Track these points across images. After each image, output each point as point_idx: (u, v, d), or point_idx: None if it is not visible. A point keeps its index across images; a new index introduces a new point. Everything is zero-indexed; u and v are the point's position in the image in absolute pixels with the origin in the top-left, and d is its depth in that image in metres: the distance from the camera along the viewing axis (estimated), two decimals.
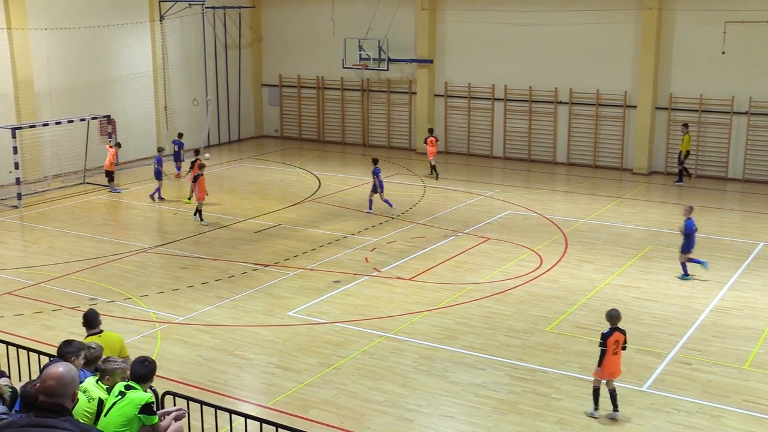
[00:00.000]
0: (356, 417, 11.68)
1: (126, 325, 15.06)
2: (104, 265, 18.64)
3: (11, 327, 14.67)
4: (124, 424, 7.68)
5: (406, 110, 32.78)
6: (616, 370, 11.70)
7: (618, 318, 11.70)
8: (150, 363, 8.24)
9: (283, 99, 35.39)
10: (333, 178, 27.79)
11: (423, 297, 16.50)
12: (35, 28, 26.25)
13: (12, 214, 23.22)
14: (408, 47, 31.63)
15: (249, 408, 11.51)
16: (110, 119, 27.54)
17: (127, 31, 29.40)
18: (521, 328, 14.91)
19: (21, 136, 24.60)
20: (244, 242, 20.45)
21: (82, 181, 26.85)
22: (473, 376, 12.99)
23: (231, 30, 33.97)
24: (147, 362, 8.22)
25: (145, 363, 8.20)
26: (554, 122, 29.77)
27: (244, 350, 13.97)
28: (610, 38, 28.17)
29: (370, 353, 13.83)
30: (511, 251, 19.48)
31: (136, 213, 23.58)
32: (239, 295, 16.63)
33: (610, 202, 24.22)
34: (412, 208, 23.48)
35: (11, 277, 17.82)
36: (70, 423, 5.47)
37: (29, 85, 26.34)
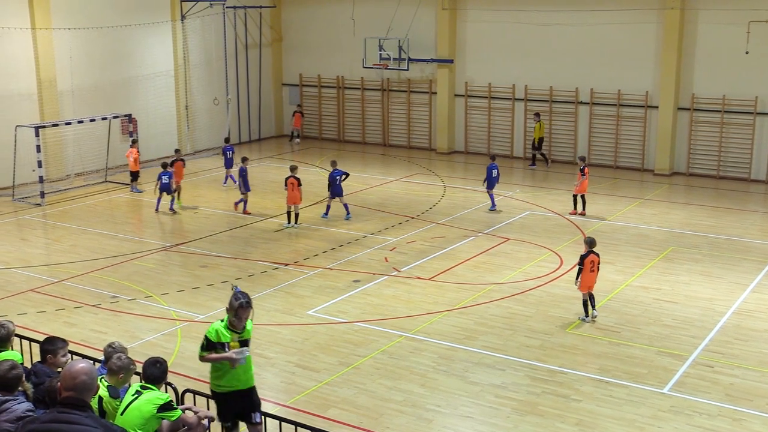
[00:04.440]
0: (375, 417, 11.68)
1: (146, 323, 15.16)
2: (125, 263, 18.76)
3: (34, 324, 14.79)
4: (142, 424, 7.71)
5: (426, 110, 32.75)
6: (592, 284, 15.09)
7: (594, 244, 15.27)
8: (162, 364, 8.28)
9: (303, 99, 35.45)
10: (353, 177, 27.71)
11: (442, 297, 16.48)
12: (59, 28, 26.47)
13: (35, 212, 23.42)
14: (428, 47, 31.59)
15: (268, 406, 11.53)
16: (132, 118, 27.70)
17: (148, 30, 29.57)
18: (541, 329, 14.86)
19: (44, 134, 24.81)
20: (264, 241, 20.51)
21: (103, 180, 27.04)
22: (492, 376, 12.96)
23: (252, 29, 34.08)
24: (159, 363, 8.25)
25: (157, 364, 8.23)
26: (575, 122, 29.64)
27: (263, 349, 14.00)
28: (631, 38, 28.01)
29: (390, 353, 13.83)
30: (531, 252, 19.42)
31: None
32: (259, 293, 16.66)
33: (631, 203, 24.08)
34: (432, 208, 23.46)
35: (34, 275, 17.97)
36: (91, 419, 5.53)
37: (52, 84, 26.56)
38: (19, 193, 24.77)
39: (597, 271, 15.18)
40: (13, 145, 24.52)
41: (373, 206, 23.79)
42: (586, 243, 15.29)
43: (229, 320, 9.31)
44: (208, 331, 9.30)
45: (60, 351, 8.50)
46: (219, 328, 9.27)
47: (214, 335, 9.25)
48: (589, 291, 15.10)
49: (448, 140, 31.93)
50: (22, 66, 25.94)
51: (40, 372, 8.23)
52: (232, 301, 9.28)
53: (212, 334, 9.25)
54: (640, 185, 26.74)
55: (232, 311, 9.26)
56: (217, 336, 9.25)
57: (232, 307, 9.25)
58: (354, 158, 31.52)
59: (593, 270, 15.03)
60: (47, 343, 8.64)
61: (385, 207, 23.63)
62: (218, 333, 9.26)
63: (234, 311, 9.24)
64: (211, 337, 9.24)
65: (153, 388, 8.00)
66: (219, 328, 9.28)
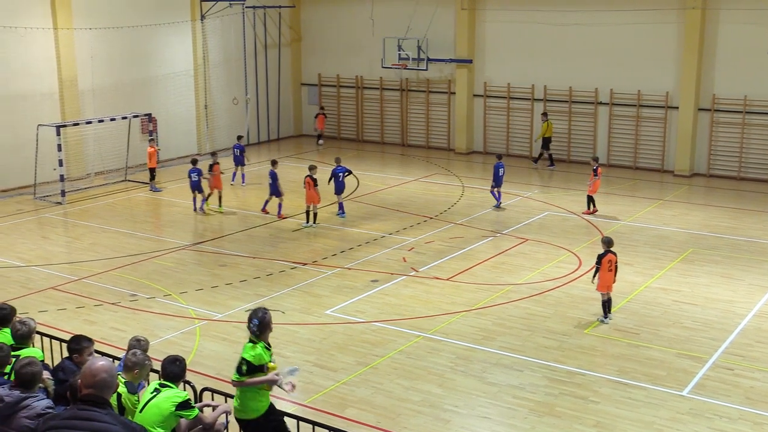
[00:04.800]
0: (393, 416, 11.68)
1: (165, 322, 15.23)
2: (145, 261, 18.86)
3: (54, 321, 14.90)
4: (161, 421, 7.75)
5: (445, 110, 32.71)
6: (611, 284, 15.01)
7: (611, 243, 15.23)
8: (182, 362, 8.28)
9: (322, 98, 35.51)
10: (371, 177, 27.82)
11: (460, 297, 16.46)
12: (80, 28, 26.66)
13: (56, 211, 23.60)
14: (447, 47, 31.56)
15: (286, 405, 11.55)
16: (151, 118, 27.86)
17: (168, 30, 29.72)
18: (559, 330, 14.81)
19: (65, 133, 25.01)
20: (283, 240, 20.56)
21: (123, 179, 27.21)
22: (510, 377, 12.93)
23: (271, 29, 34.18)
24: (178, 362, 8.26)
25: (177, 362, 8.24)
26: (594, 123, 29.51)
27: (281, 348, 14.02)
28: (651, 38, 27.85)
29: (407, 353, 13.83)
30: (550, 252, 19.36)
31: (176, 210, 23.82)
32: (277, 293, 16.72)
33: (651, 204, 23.95)
34: (450, 208, 23.44)
35: (55, 272, 18.11)
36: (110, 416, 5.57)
37: (73, 83, 26.76)
38: (40, 192, 24.97)
39: (615, 271, 15.14)
40: (35, 144, 24.71)
41: (391, 206, 23.80)
42: (604, 243, 15.31)
43: (266, 340, 9.09)
44: (250, 356, 8.87)
45: (86, 350, 8.56)
46: (260, 352, 8.93)
47: (258, 359, 8.89)
48: (608, 292, 15.06)
49: (466, 140, 31.88)
50: (44, 66, 26.15)
51: (67, 368, 8.29)
52: (269, 321, 9.07)
53: (255, 359, 8.87)
54: (660, 186, 26.59)
55: (269, 330, 9.09)
56: (260, 359, 8.92)
57: (269, 326, 9.09)
58: (373, 158, 31.54)
59: (611, 269, 15.01)
60: (73, 342, 8.71)
61: (404, 207, 23.64)
62: (261, 356, 8.93)
63: (270, 329, 9.11)
64: (255, 361, 8.87)
65: (171, 386, 8.04)
66: (260, 351, 8.93)
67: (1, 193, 25.06)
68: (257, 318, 9.00)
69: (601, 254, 15.07)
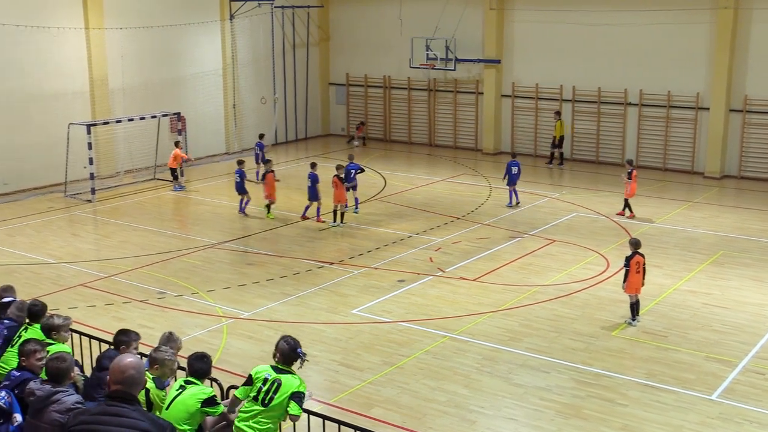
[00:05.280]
0: (418, 417, 11.67)
1: (192, 319, 15.33)
2: (173, 259, 18.99)
3: (84, 317, 15.05)
4: (187, 418, 7.79)
5: (472, 110, 32.62)
6: (639, 286, 14.91)
7: (639, 245, 15.11)
8: (208, 359, 8.30)
9: (350, 98, 35.56)
10: (398, 177, 27.82)
11: (487, 298, 16.41)
12: (111, 27, 26.91)
13: (86, 208, 23.84)
14: (475, 47, 31.48)
15: (312, 404, 11.56)
16: (180, 116, 28.04)
17: (198, 30, 29.91)
18: (586, 332, 14.72)
19: (95, 132, 25.24)
20: (310, 240, 20.61)
21: (152, 177, 27.42)
22: (537, 378, 12.87)
23: (299, 29, 34.28)
24: (205, 358, 8.28)
25: (204, 359, 8.26)
26: (623, 124, 29.29)
27: (307, 347, 13.93)
28: (682, 38, 27.58)
29: (433, 353, 13.81)
30: (577, 254, 19.24)
31: (204, 209, 23.96)
32: (304, 292, 16.76)
33: (680, 206, 23.73)
34: (477, 209, 23.37)
35: (85, 269, 18.29)
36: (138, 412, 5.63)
37: (104, 82, 27.02)
38: (71, 190, 25.23)
39: (643, 273, 15.01)
40: (66, 142, 24.97)
41: (418, 206, 23.78)
42: (631, 244, 15.19)
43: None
44: (304, 387, 8.15)
45: (133, 343, 8.70)
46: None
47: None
48: (636, 294, 14.94)
49: (494, 141, 31.78)
50: (76, 65, 26.43)
51: (113, 357, 8.37)
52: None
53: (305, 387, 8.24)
54: (690, 188, 26.34)
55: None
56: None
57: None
58: (400, 158, 31.54)
59: (639, 271, 14.90)
60: (122, 334, 8.86)
61: (431, 207, 23.61)
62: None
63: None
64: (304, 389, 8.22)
65: (197, 382, 8.07)
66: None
67: (33, 190, 25.35)
68: (299, 344, 8.34)
69: (629, 256, 14.97)
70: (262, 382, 7.98)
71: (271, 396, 7.90)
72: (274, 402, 7.89)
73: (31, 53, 25.18)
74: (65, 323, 9.41)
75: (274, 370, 8.03)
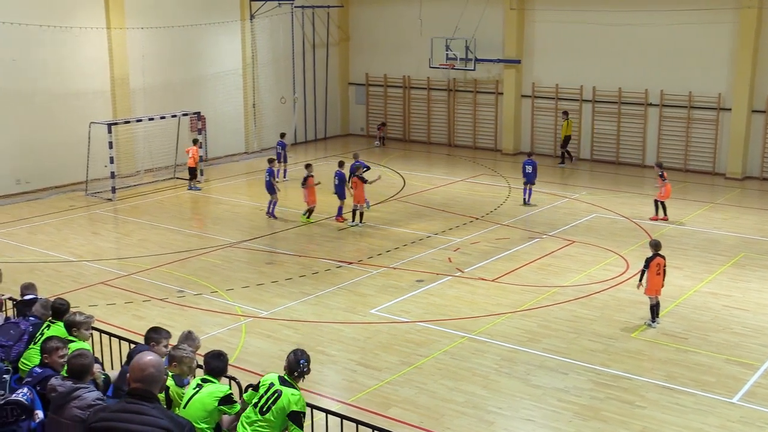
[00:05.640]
0: (436, 417, 11.66)
1: (212, 318, 15.39)
2: (192, 258, 19.08)
3: (104, 315, 15.14)
4: (205, 417, 7.81)
5: (492, 111, 32.55)
6: (659, 288, 14.81)
7: (659, 246, 15.00)
8: (224, 357, 8.32)
9: (369, 98, 35.58)
10: (418, 177, 27.81)
11: (506, 298, 16.37)
12: (132, 27, 27.07)
13: (106, 207, 24.00)
14: (495, 47, 31.40)
15: (330, 404, 11.60)
16: (200, 116, 28.16)
17: (218, 29, 30.03)
18: (605, 333, 14.64)
19: (116, 131, 25.38)
20: (329, 239, 20.64)
21: (172, 176, 27.55)
22: (555, 380, 12.82)
23: (319, 29, 34.34)
24: (222, 356, 8.30)
25: (221, 357, 8.28)
26: (644, 124, 29.12)
27: (326, 346, 14.10)
28: (704, 38, 27.37)
29: (452, 353, 13.79)
30: (597, 255, 19.15)
31: (224, 208, 24.05)
32: (323, 291, 16.79)
33: (701, 207, 23.56)
34: (496, 209, 23.32)
35: (105, 268, 18.41)
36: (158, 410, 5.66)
37: (125, 82, 27.18)
38: (91, 188, 25.41)
39: (663, 275, 14.92)
40: (87, 141, 25.13)
41: (437, 206, 23.75)
42: (652, 246, 15.12)
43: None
44: (303, 405, 7.95)
45: (163, 341, 8.76)
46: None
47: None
48: (656, 296, 14.86)
49: (514, 141, 31.70)
50: (97, 65, 26.60)
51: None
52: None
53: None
54: (711, 189, 26.15)
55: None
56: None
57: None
58: (419, 158, 31.52)
59: (659, 273, 14.81)
60: (152, 331, 8.94)
61: (450, 207, 23.58)
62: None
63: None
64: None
65: (214, 380, 8.10)
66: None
67: (55, 189, 25.54)
68: (305, 358, 8.12)
69: (649, 257, 14.88)
70: (266, 388, 7.93)
71: (269, 406, 7.82)
72: (270, 412, 7.81)
73: (53, 53, 25.38)
74: (86, 321, 9.49)
75: (279, 380, 7.98)
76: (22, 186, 24.98)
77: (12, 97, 24.53)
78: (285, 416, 7.80)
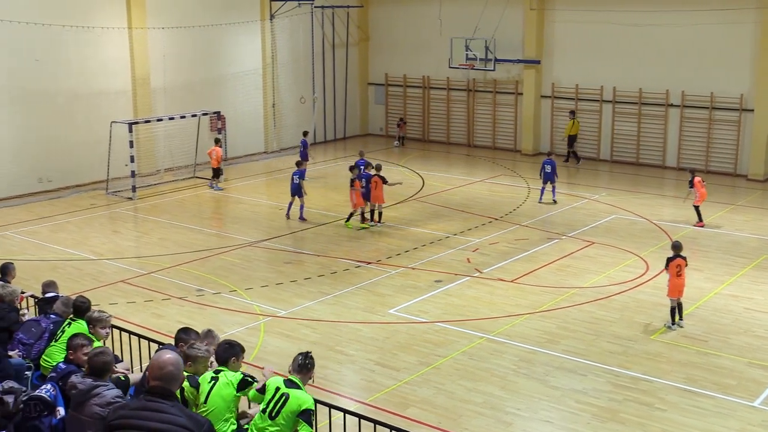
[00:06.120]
0: (454, 417, 11.64)
1: (230, 317, 15.45)
2: (211, 257, 19.15)
3: (124, 313, 15.24)
4: (228, 408, 7.86)
5: (512, 111, 32.46)
6: (680, 289, 14.76)
7: (680, 248, 14.95)
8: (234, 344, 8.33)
9: (388, 98, 35.58)
10: (436, 177, 27.78)
11: (524, 299, 16.32)
12: (153, 27, 27.21)
13: (127, 206, 24.14)
14: (515, 47, 31.31)
15: (348, 403, 11.60)
16: (220, 115, 28.27)
17: (238, 29, 30.14)
18: (625, 335, 14.57)
19: (137, 130, 25.53)
20: (347, 239, 20.66)
21: (192, 175, 27.67)
22: (574, 381, 12.77)
23: (339, 29, 34.39)
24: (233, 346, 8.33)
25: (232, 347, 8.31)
26: (665, 125, 28.94)
27: (344, 346, 14.11)
28: (726, 39, 27.14)
29: (470, 354, 13.77)
30: (616, 256, 19.05)
31: (243, 207, 24.14)
32: (341, 291, 16.81)
33: (722, 209, 23.38)
34: (515, 210, 23.25)
35: (125, 266, 18.52)
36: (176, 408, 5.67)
37: (146, 81, 27.33)
38: (112, 187, 25.57)
39: (684, 276, 14.87)
40: (108, 140, 25.29)
41: (456, 207, 23.72)
42: (673, 247, 15.10)
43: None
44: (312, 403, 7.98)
45: (191, 342, 8.77)
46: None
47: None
48: (678, 298, 14.80)
49: (533, 142, 31.59)
50: (118, 64, 26.77)
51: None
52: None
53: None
54: (733, 191, 25.94)
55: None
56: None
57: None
58: (438, 158, 31.48)
59: (680, 274, 14.76)
60: (182, 332, 9.03)
61: (469, 208, 23.54)
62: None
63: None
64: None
65: (223, 368, 8.14)
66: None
67: (76, 188, 25.72)
68: (310, 357, 8.17)
69: (670, 258, 14.86)
70: (272, 393, 7.86)
71: (278, 410, 7.78)
72: (280, 416, 7.76)
73: (76, 53, 25.57)
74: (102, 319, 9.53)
75: (285, 383, 7.93)
76: (44, 184, 25.20)
77: (34, 97, 24.72)
78: (295, 418, 7.75)
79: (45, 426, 7.49)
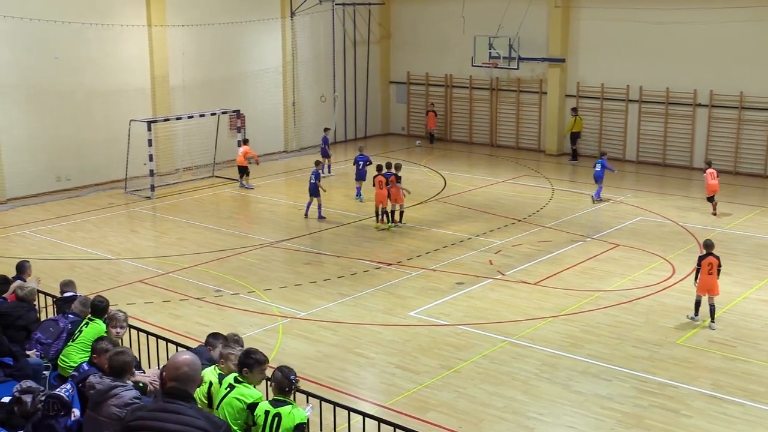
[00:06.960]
0: (475, 422, 11.40)
1: (249, 318, 15.27)
2: (230, 257, 19.00)
3: (142, 314, 15.11)
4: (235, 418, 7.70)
5: (536, 110, 32.10)
6: (713, 288, 14.64)
7: (712, 246, 14.85)
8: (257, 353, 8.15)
9: (410, 97, 35.34)
10: (459, 177, 27.50)
11: (547, 302, 16.02)
12: (173, 24, 27.14)
13: (145, 205, 24.06)
14: (539, 45, 30.96)
15: (367, 407, 11.41)
16: (240, 114, 28.14)
17: (258, 27, 30.01)
18: (650, 339, 14.24)
19: (156, 129, 25.43)
20: (367, 240, 20.44)
21: (211, 174, 27.56)
22: (598, 386, 12.48)
23: (360, 26, 34.18)
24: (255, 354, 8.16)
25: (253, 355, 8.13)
26: (692, 125, 28.48)
27: (364, 349, 13.90)
28: (755, 37, 26.64)
29: (492, 358, 13.50)
30: (642, 259, 18.69)
31: (262, 207, 24.00)
32: (361, 293, 16.59)
33: (752, 211, 22.93)
34: (539, 211, 22.93)
35: (143, 266, 18.41)
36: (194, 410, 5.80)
37: (165, 79, 27.25)
38: (131, 186, 25.50)
39: (717, 275, 14.75)
40: (127, 138, 25.21)
41: (478, 207, 23.43)
42: (705, 245, 15.13)
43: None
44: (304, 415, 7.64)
45: (219, 347, 8.70)
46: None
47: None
48: (708, 295, 14.71)
49: (557, 142, 31.22)
50: (138, 62, 26.71)
51: (202, 353, 8.47)
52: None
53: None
54: (762, 192, 25.44)
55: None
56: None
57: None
58: (460, 158, 31.20)
59: (711, 273, 14.66)
60: (212, 336, 9.05)
61: (491, 209, 23.24)
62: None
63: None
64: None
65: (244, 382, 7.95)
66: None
67: (95, 186, 25.69)
68: (293, 373, 7.89)
69: (702, 256, 14.89)
70: (263, 419, 7.54)
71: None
72: None
73: (95, 50, 25.53)
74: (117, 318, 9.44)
75: (271, 404, 7.66)
76: (62, 183, 25.18)
77: (53, 95, 24.70)
78: None
79: (60, 426, 7.50)
